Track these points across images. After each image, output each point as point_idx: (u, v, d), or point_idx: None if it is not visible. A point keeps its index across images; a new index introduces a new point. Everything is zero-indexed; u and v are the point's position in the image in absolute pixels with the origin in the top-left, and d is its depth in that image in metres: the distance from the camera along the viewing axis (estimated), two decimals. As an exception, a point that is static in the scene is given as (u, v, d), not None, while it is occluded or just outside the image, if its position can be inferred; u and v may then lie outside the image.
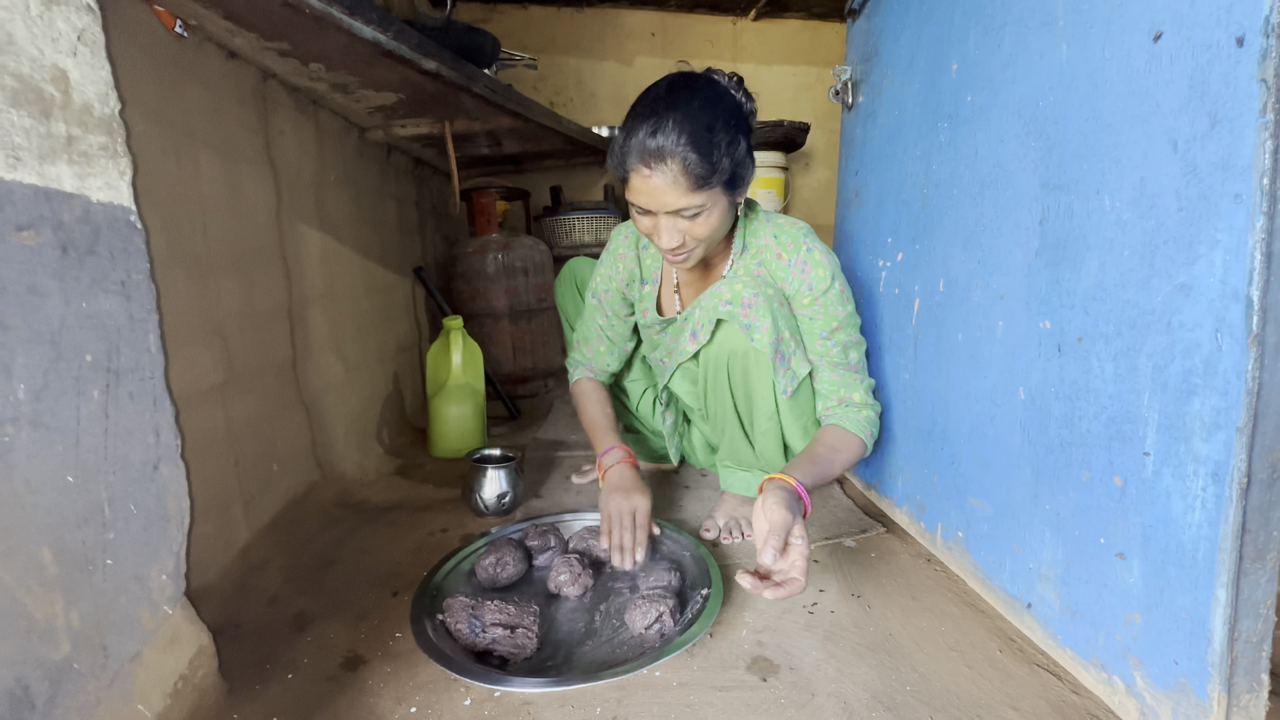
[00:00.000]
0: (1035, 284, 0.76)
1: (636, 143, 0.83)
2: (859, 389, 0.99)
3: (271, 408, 1.09)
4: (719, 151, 0.82)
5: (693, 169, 0.81)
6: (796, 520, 0.74)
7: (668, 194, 0.83)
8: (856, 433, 0.96)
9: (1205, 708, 0.56)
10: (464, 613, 0.78)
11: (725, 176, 0.84)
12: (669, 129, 0.81)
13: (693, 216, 0.85)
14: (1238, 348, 0.52)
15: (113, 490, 0.56)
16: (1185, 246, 0.56)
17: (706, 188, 0.83)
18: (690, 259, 0.92)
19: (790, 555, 0.72)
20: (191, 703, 0.64)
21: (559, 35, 2.57)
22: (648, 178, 0.83)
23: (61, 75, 0.52)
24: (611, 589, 0.91)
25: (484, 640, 0.77)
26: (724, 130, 0.83)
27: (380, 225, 1.66)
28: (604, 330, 1.18)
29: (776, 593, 0.70)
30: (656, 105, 0.83)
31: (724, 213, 0.88)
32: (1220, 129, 0.52)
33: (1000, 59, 0.81)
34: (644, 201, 0.85)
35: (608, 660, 0.77)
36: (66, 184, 0.52)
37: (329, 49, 1.02)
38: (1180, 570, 0.58)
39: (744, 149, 0.87)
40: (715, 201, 0.86)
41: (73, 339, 0.52)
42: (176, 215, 0.86)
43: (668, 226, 0.87)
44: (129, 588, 0.57)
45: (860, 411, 0.98)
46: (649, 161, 0.82)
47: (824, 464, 0.90)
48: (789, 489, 0.79)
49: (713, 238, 0.90)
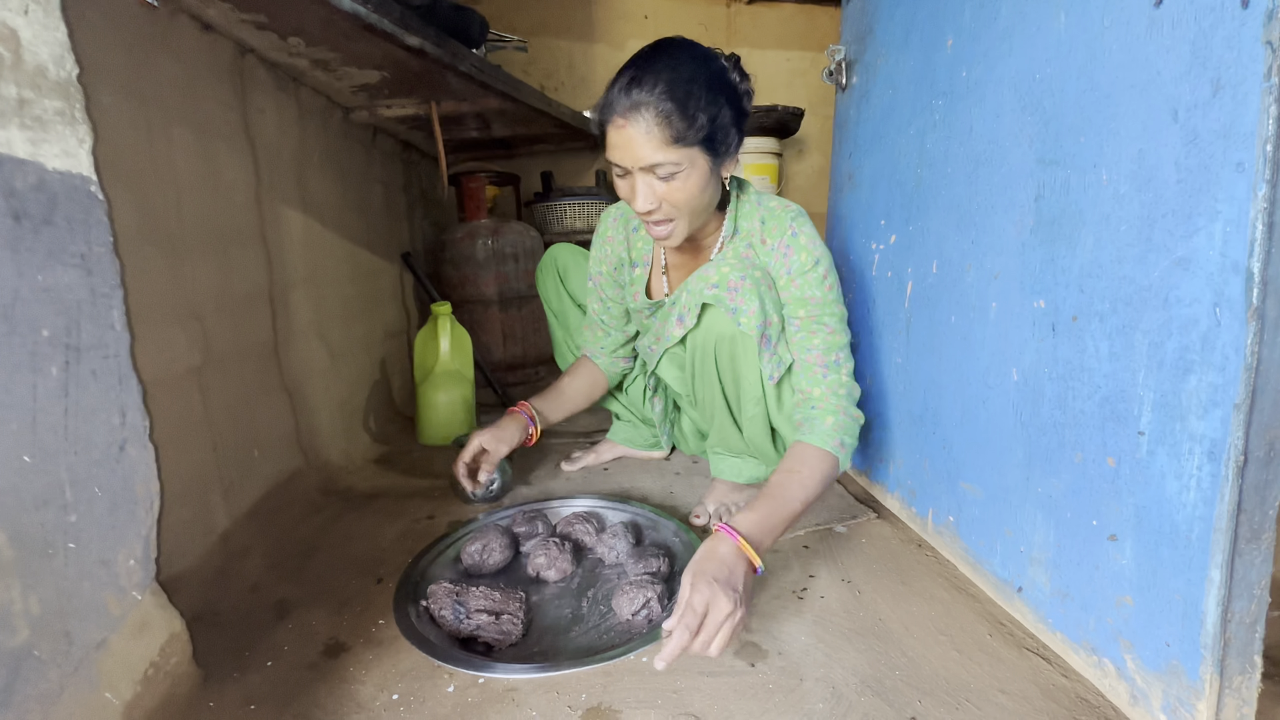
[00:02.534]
0: (1029, 263, 0.74)
1: (613, 95, 0.81)
2: (820, 384, 0.90)
3: (252, 392, 1.06)
4: (695, 105, 0.80)
5: (669, 118, 0.79)
6: (718, 598, 0.66)
7: (642, 146, 0.80)
8: (821, 446, 0.87)
9: (1197, 689, 0.55)
10: (448, 599, 0.77)
11: (702, 134, 0.81)
12: (646, 79, 0.79)
13: (668, 176, 0.83)
14: (1237, 322, 0.50)
15: (74, 471, 0.53)
16: (1184, 219, 0.54)
17: (682, 144, 0.80)
18: (673, 235, 0.89)
19: (704, 633, 0.65)
20: (164, 690, 0.62)
21: (550, 17, 2.53)
22: (622, 128, 0.81)
23: (11, 34, 0.50)
24: (600, 575, 0.90)
25: (468, 626, 0.75)
26: (704, 88, 0.81)
27: (366, 209, 1.62)
28: (599, 315, 1.17)
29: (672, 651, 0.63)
30: (638, 60, 0.82)
31: (703, 179, 0.85)
32: (1223, 95, 0.50)
33: (996, 32, 0.79)
34: (619, 156, 0.83)
35: (594, 646, 0.75)
36: (18, 149, 0.50)
37: (308, 22, 0.99)
38: (1174, 551, 0.57)
39: (728, 114, 0.84)
40: (692, 162, 0.83)
41: (27, 312, 0.50)
42: (148, 191, 0.83)
43: (643, 186, 0.84)
44: (94, 572, 0.55)
45: (825, 418, 0.88)
46: (624, 112, 0.80)
47: (783, 498, 0.81)
48: (730, 553, 0.71)
49: (693, 208, 0.87)
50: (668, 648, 0.63)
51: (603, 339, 1.19)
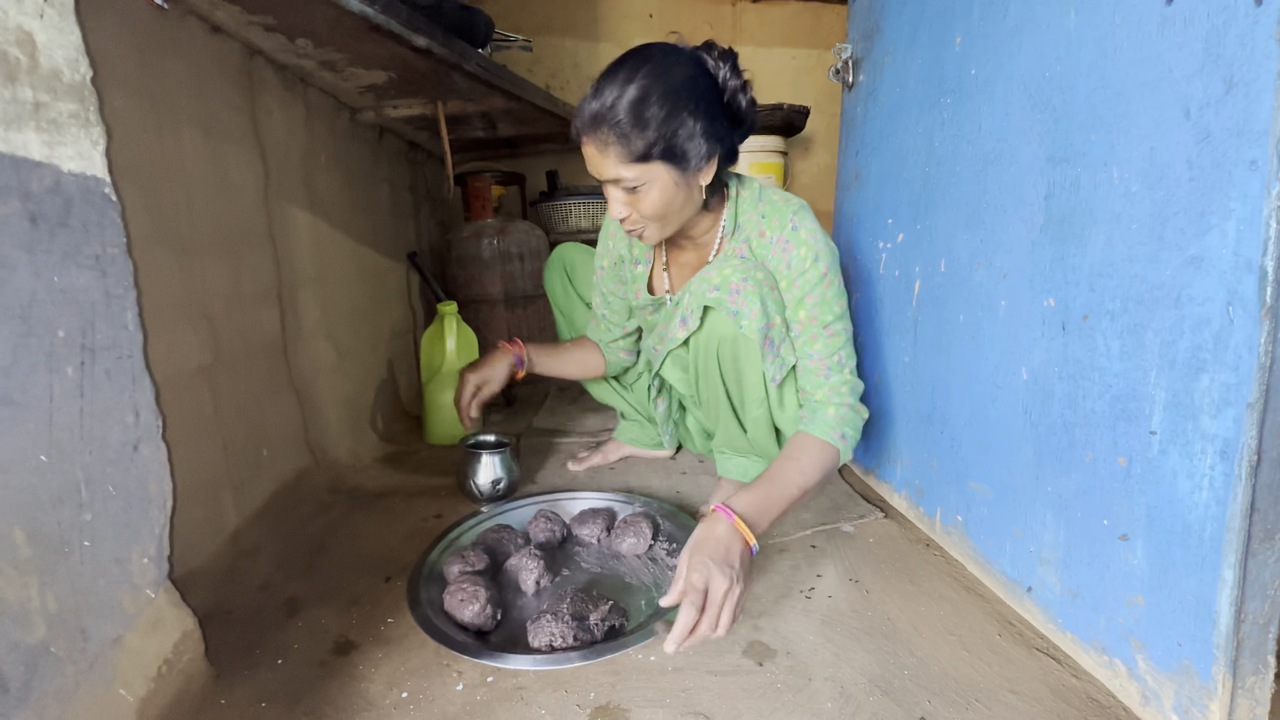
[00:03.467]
0: (1039, 261, 0.74)
1: (581, 109, 0.83)
2: (823, 386, 0.91)
3: (261, 392, 1.07)
4: (652, 122, 0.79)
5: (622, 139, 0.80)
6: (715, 576, 0.67)
7: (601, 162, 0.82)
8: (822, 436, 0.88)
9: (1209, 690, 0.55)
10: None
11: (660, 148, 0.81)
12: (605, 94, 0.80)
13: (632, 189, 0.84)
14: (1250, 321, 0.50)
15: (90, 470, 0.54)
16: (1196, 217, 0.54)
17: (642, 160, 0.81)
18: (648, 236, 0.90)
19: (708, 611, 0.66)
20: (176, 687, 0.63)
21: (555, 17, 2.53)
22: (586, 144, 0.83)
23: (27, 38, 0.50)
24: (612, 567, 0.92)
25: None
26: (663, 102, 0.79)
27: (373, 209, 1.63)
28: (601, 309, 1.18)
29: (679, 639, 0.64)
30: (604, 73, 0.83)
31: (667, 191, 0.84)
32: (1236, 92, 0.50)
33: (1005, 29, 0.79)
34: (589, 168, 0.85)
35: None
36: (34, 152, 0.50)
37: (316, 23, 0.99)
38: (1186, 551, 0.57)
39: (692, 124, 0.81)
40: (655, 176, 0.83)
41: (44, 313, 0.50)
42: (159, 192, 0.84)
43: (613, 196, 0.87)
44: (108, 570, 0.56)
45: (826, 410, 0.90)
46: (584, 128, 0.82)
47: (781, 482, 0.82)
48: (726, 532, 0.72)
49: (663, 216, 0.87)
50: (676, 628, 0.64)
51: (604, 333, 1.20)
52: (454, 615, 0.76)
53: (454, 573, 0.84)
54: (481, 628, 0.76)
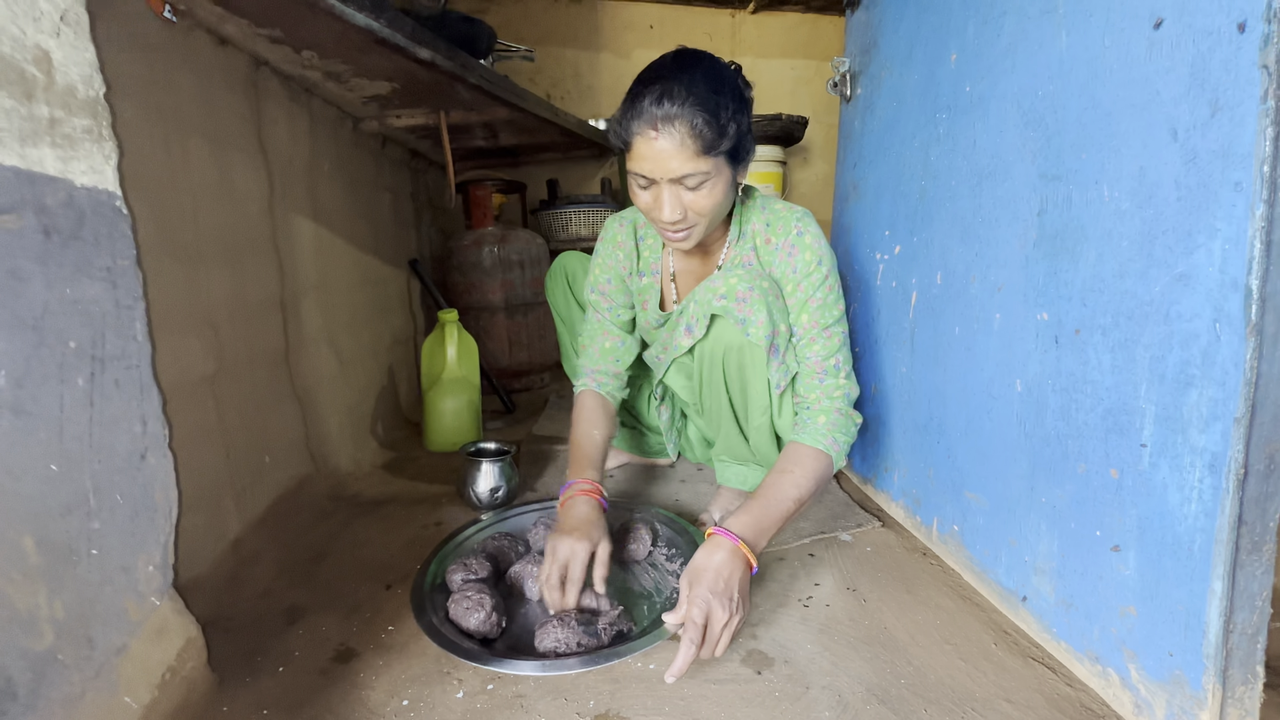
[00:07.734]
0: (1033, 275, 0.75)
1: (643, 107, 0.81)
2: (816, 389, 0.93)
3: (264, 399, 1.08)
4: (726, 115, 0.81)
5: (701, 131, 0.80)
6: (715, 609, 0.71)
7: (674, 158, 0.81)
8: (814, 444, 0.90)
9: (1200, 700, 0.56)
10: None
11: (731, 144, 0.83)
12: (677, 92, 0.80)
13: (696, 186, 0.83)
14: (1236, 338, 0.51)
15: (98, 479, 0.55)
16: (1184, 236, 0.55)
17: (713, 153, 0.82)
18: (690, 238, 0.90)
19: (706, 644, 0.70)
20: (180, 695, 0.63)
21: (556, 27, 2.55)
22: (654, 139, 0.81)
23: (44, 56, 0.51)
24: None
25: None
26: (730, 99, 0.82)
27: (375, 217, 1.64)
28: (608, 324, 1.12)
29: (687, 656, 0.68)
30: (663, 72, 0.83)
31: (726, 188, 0.87)
32: (1221, 116, 0.51)
33: (999, 48, 0.80)
34: (648, 168, 0.83)
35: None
36: (49, 167, 0.51)
37: (322, 36, 1.01)
38: (1176, 562, 0.58)
39: (746, 124, 0.86)
40: (719, 172, 0.84)
41: (56, 325, 0.51)
42: (166, 203, 0.85)
43: (670, 197, 0.84)
44: (115, 578, 0.56)
45: (818, 417, 0.92)
46: (656, 124, 0.80)
47: (777, 497, 0.84)
48: (726, 559, 0.75)
49: (714, 215, 0.89)
50: (676, 663, 0.68)
51: (612, 353, 1.12)
52: (459, 623, 0.77)
53: (457, 580, 0.85)
54: (486, 635, 0.77)
